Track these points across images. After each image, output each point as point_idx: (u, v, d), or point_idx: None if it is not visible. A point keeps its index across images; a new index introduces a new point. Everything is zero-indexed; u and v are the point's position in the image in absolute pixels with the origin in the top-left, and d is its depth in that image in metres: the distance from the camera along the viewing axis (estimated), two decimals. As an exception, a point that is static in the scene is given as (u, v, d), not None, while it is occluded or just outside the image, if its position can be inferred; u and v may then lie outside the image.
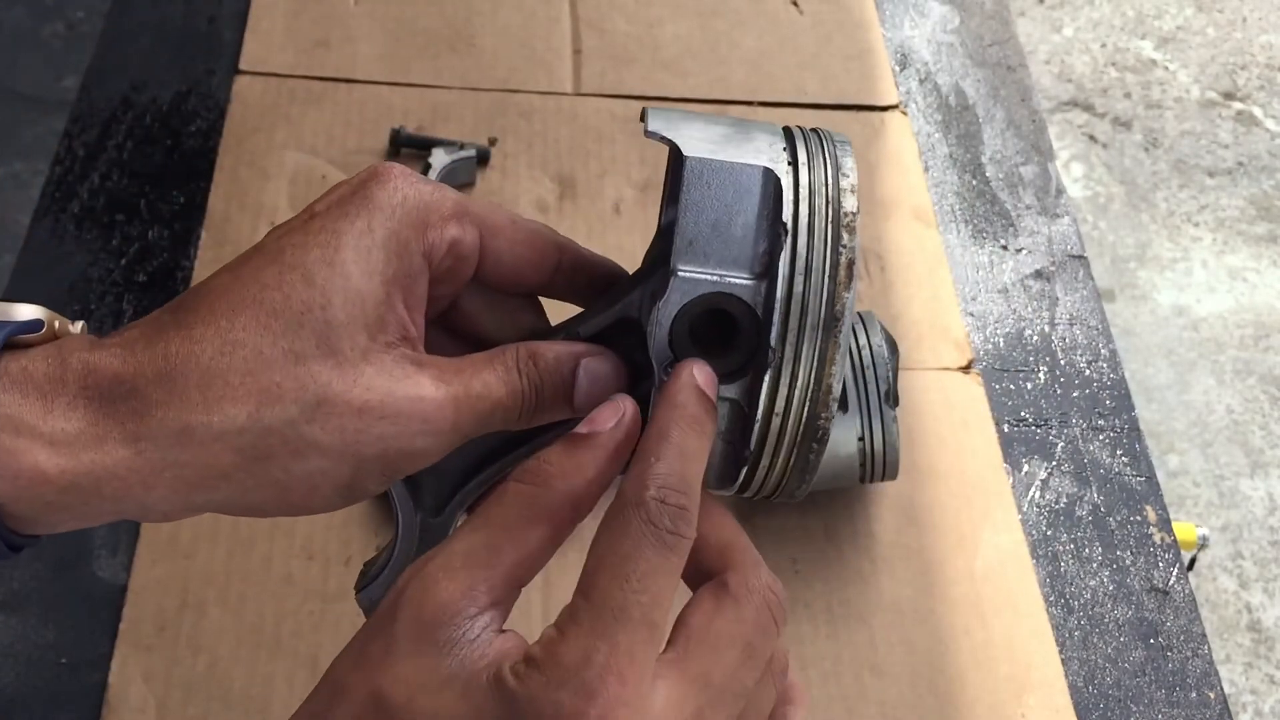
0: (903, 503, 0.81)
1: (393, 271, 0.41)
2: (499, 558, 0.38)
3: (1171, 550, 0.81)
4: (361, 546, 0.75)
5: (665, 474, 0.38)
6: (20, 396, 0.38)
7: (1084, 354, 0.91)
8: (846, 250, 0.41)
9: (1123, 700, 0.74)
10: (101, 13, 1.08)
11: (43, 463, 0.38)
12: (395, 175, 0.42)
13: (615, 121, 1.00)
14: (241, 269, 0.41)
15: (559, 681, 0.34)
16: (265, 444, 0.39)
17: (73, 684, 0.70)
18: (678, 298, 0.42)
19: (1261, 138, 2.49)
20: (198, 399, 0.38)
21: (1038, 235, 0.98)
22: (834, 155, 0.43)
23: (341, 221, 0.41)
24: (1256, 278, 2.26)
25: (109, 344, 0.40)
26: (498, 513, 0.39)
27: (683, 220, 0.42)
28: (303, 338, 0.39)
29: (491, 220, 0.44)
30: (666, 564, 0.37)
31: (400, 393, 0.40)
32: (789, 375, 0.41)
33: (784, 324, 0.41)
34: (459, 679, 0.35)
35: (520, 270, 0.45)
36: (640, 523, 0.37)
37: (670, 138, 0.42)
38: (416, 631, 0.36)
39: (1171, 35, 2.67)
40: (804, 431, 0.42)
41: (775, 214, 0.42)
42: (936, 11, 1.15)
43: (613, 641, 0.35)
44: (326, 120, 0.98)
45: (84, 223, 0.91)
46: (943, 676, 0.74)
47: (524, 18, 1.07)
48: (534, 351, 0.43)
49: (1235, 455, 2.01)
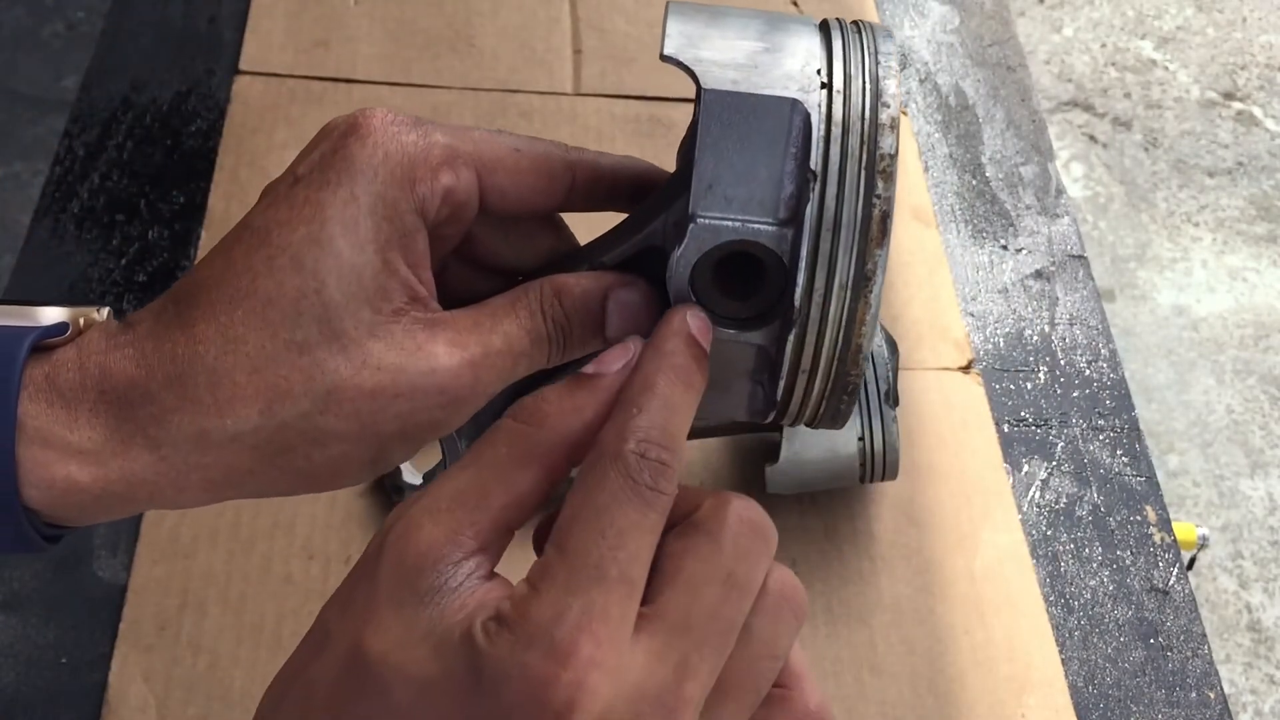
0: (903, 503, 0.81)
1: (385, 236, 0.39)
2: (487, 500, 0.36)
3: (1171, 550, 0.81)
4: (362, 546, 0.75)
5: (647, 427, 0.36)
6: (46, 406, 0.38)
7: (1084, 354, 0.91)
8: (881, 201, 0.37)
9: (1123, 700, 0.74)
10: (101, 13, 1.08)
11: (75, 473, 0.37)
12: (375, 128, 0.40)
13: (615, 121, 1.00)
14: (232, 253, 0.39)
15: (528, 641, 0.32)
16: (282, 439, 0.38)
17: (73, 684, 0.70)
18: (696, 245, 0.38)
19: (1261, 138, 2.49)
20: (209, 401, 0.38)
21: (1038, 235, 0.98)
22: (875, 75, 0.38)
23: (324, 192, 0.39)
24: (1256, 278, 2.26)
25: (122, 344, 0.39)
26: (488, 452, 0.37)
27: (702, 160, 0.37)
28: (303, 326, 0.38)
29: (489, 155, 0.41)
30: (645, 520, 0.34)
31: (413, 368, 0.38)
32: (815, 334, 0.38)
33: (809, 283, 0.38)
34: (434, 633, 0.33)
35: (528, 199, 0.42)
36: (619, 476, 0.35)
37: (688, 63, 0.38)
38: (398, 578, 0.34)
39: (1171, 35, 2.67)
40: (833, 386, 0.39)
41: (804, 154, 0.37)
42: (936, 11, 1.15)
43: (587, 599, 0.33)
44: (326, 120, 0.98)
45: (84, 223, 0.91)
46: (943, 676, 0.74)
47: (524, 18, 1.08)
48: (560, 288, 0.41)
49: (1235, 455, 2.01)
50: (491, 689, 0.32)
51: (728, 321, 0.40)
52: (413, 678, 0.33)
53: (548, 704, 0.32)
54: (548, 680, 0.32)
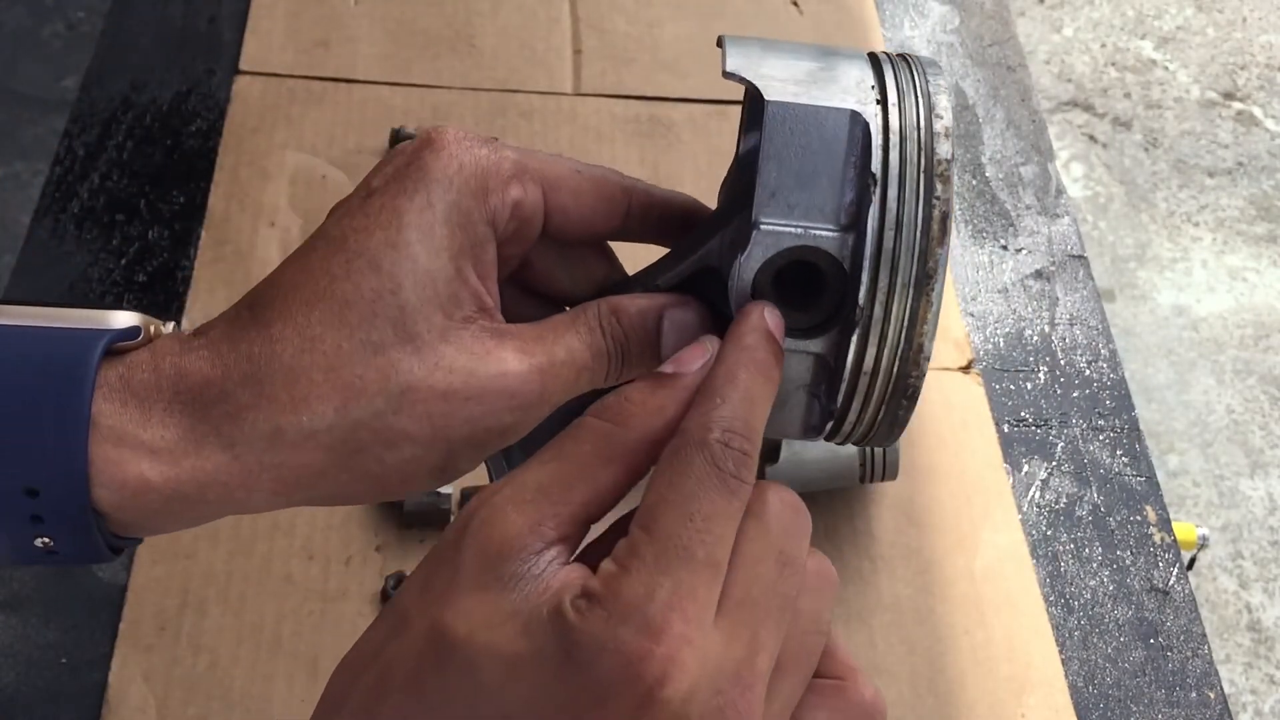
0: (903, 503, 0.81)
1: (458, 244, 0.40)
2: (570, 493, 0.36)
3: (1171, 550, 0.81)
4: (362, 546, 0.75)
5: (730, 417, 0.37)
6: (120, 406, 0.38)
7: (1084, 354, 0.91)
8: (940, 202, 0.38)
9: (1123, 700, 0.74)
10: (101, 13, 1.08)
11: (147, 472, 0.38)
12: (449, 141, 0.41)
13: (615, 121, 1.00)
14: (309, 259, 0.40)
15: (621, 617, 0.33)
16: (356, 438, 0.39)
17: (73, 684, 0.70)
18: (760, 252, 0.39)
19: (1261, 138, 2.49)
20: (285, 399, 0.38)
21: (1038, 235, 0.98)
22: (926, 92, 0.40)
23: (400, 199, 0.40)
24: (1256, 278, 2.26)
25: (196, 346, 0.39)
26: (572, 448, 0.38)
27: (765, 169, 0.39)
28: (378, 327, 0.39)
29: (553, 173, 0.43)
30: (729, 507, 0.36)
31: (483, 371, 0.39)
32: (878, 334, 0.39)
33: (873, 282, 0.39)
34: (521, 614, 0.34)
35: (588, 220, 0.44)
36: (704, 463, 0.36)
37: (751, 79, 0.39)
38: (481, 564, 0.35)
39: (1171, 35, 2.67)
40: (893, 389, 0.40)
41: (863, 162, 0.39)
42: (936, 11, 1.15)
43: (677, 578, 0.34)
44: (326, 120, 0.98)
45: (84, 223, 0.91)
46: (943, 676, 0.74)
47: (524, 18, 1.08)
48: (616, 307, 0.42)
49: (1235, 455, 2.01)
50: (584, 664, 0.33)
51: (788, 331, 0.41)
52: (501, 655, 0.34)
53: (641, 678, 0.32)
54: (642, 655, 0.32)
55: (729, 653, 0.34)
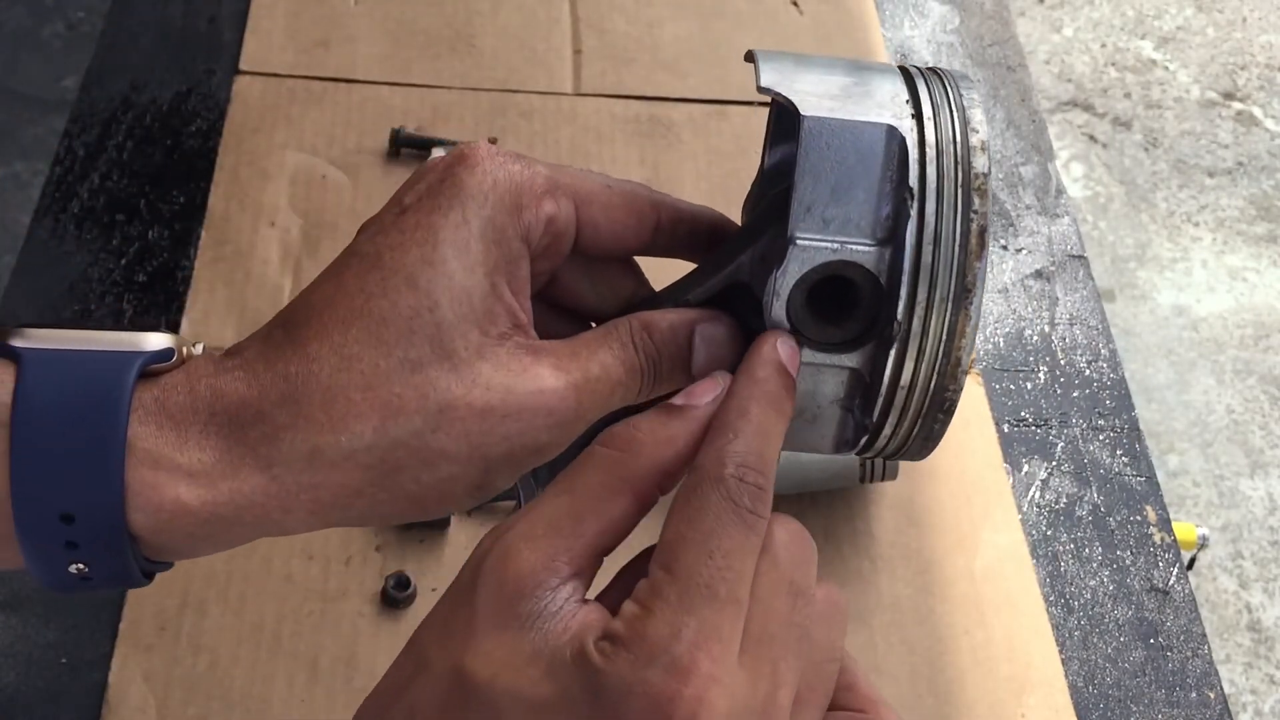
0: (903, 503, 0.81)
1: (493, 261, 0.40)
2: (581, 526, 0.36)
3: (1171, 550, 0.81)
4: (361, 547, 0.75)
5: (744, 452, 0.37)
6: (156, 429, 0.38)
7: (1084, 354, 0.91)
8: (978, 216, 0.38)
9: (1123, 700, 0.74)
10: (101, 13, 1.08)
11: (184, 495, 0.37)
12: (483, 158, 0.41)
13: (615, 121, 1.00)
14: (343, 276, 0.40)
15: (648, 659, 0.33)
16: (394, 458, 0.38)
17: (73, 684, 0.70)
18: (796, 268, 0.39)
19: (1261, 138, 2.49)
20: (323, 419, 0.38)
21: (1038, 235, 0.98)
22: (960, 105, 0.40)
23: (435, 215, 0.39)
24: (1256, 278, 2.26)
25: (230, 367, 0.39)
26: (581, 479, 0.37)
27: (800, 185, 0.39)
28: (416, 344, 0.38)
29: (584, 189, 0.43)
30: (748, 543, 0.36)
31: (521, 388, 0.39)
32: (916, 348, 0.39)
33: (911, 297, 0.38)
34: (543, 655, 0.34)
35: (618, 235, 0.44)
36: (720, 499, 0.36)
37: (786, 94, 0.39)
38: (498, 604, 0.35)
39: (1171, 35, 2.67)
40: (930, 403, 0.40)
41: (900, 177, 0.39)
42: (936, 11, 1.15)
43: (701, 618, 0.34)
44: (326, 120, 0.98)
45: (84, 223, 0.91)
46: (943, 676, 0.74)
47: (524, 18, 1.08)
48: (647, 323, 0.42)
49: (1235, 455, 2.01)
50: (611, 707, 0.33)
51: (822, 346, 0.41)
52: (525, 699, 0.34)
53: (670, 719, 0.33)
54: (671, 696, 0.33)
55: (754, 689, 0.34)
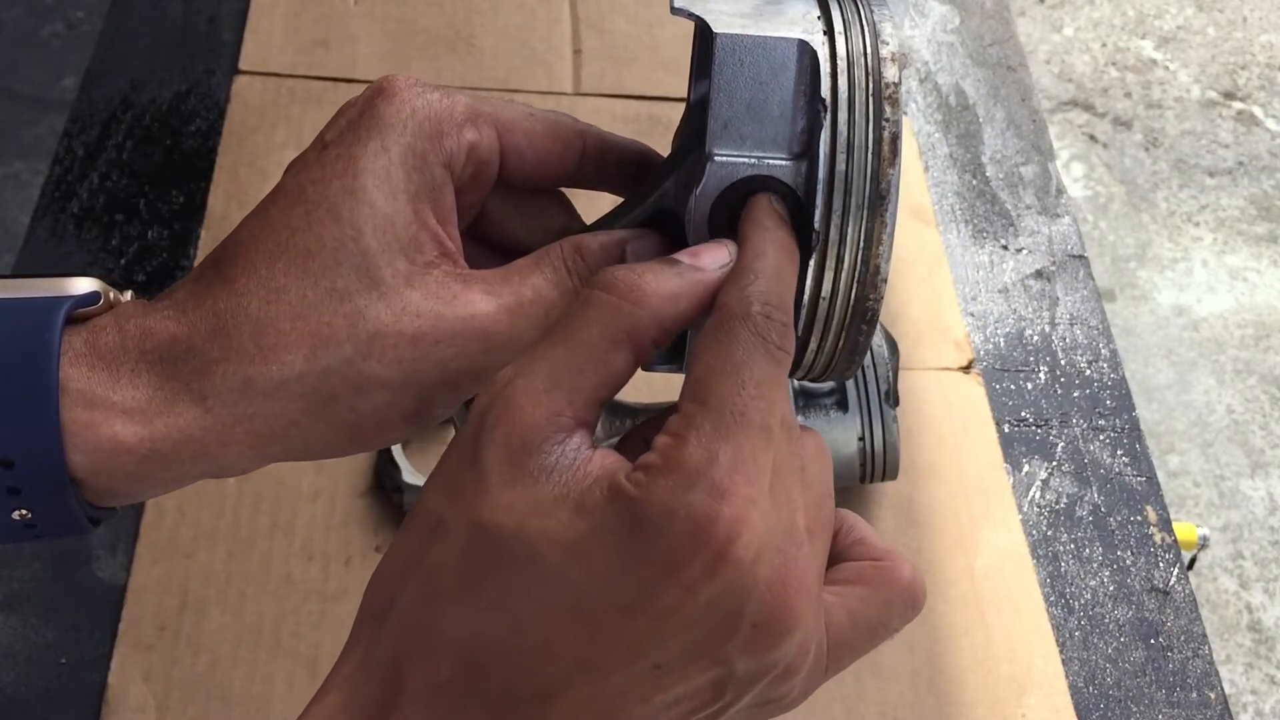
0: (903, 503, 0.81)
1: (415, 187, 0.40)
2: (581, 378, 0.36)
3: (1172, 550, 0.81)
4: (361, 547, 0.75)
5: (767, 291, 0.37)
6: (88, 369, 0.38)
7: (1084, 354, 0.91)
8: (890, 124, 0.39)
9: (1123, 700, 0.74)
10: (101, 13, 1.08)
11: (120, 432, 0.38)
12: (401, 88, 0.41)
13: (615, 121, 1.00)
14: (269, 213, 0.40)
15: (688, 483, 0.33)
16: (327, 386, 0.39)
17: (73, 684, 0.70)
18: (715, 184, 0.40)
19: (1261, 138, 2.49)
20: (253, 350, 0.38)
21: (1038, 235, 0.98)
22: (871, 20, 0.40)
23: (355, 147, 0.40)
24: (1256, 278, 2.26)
25: (160, 307, 0.40)
26: (581, 330, 0.37)
27: (716, 101, 0.39)
28: (342, 274, 0.39)
29: (507, 117, 0.43)
30: (777, 374, 0.36)
31: (451, 314, 0.39)
32: (834, 258, 0.40)
33: (827, 206, 0.39)
34: (569, 499, 0.34)
35: (544, 163, 0.44)
36: (749, 334, 0.36)
37: (698, 13, 0.40)
38: (507, 461, 0.35)
39: (1172, 35, 2.67)
40: (852, 313, 0.40)
41: (813, 90, 0.39)
42: (936, 11, 1.15)
43: (737, 444, 0.34)
44: (326, 120, 0.97)
45: (84, 223, 0.91)
46: (943, 676, 0.74)
47: (524, 18, 1.08)
48: (578, 245, 0.42)
49: (1235, 455, 2.01)
50: (653, 532, 0.33)
51: None
52: (559, 539, 0.34)
53: (712, 539, 0.33)
54: (712, 517, 0.33)
55: (780, 512, 0.35)
